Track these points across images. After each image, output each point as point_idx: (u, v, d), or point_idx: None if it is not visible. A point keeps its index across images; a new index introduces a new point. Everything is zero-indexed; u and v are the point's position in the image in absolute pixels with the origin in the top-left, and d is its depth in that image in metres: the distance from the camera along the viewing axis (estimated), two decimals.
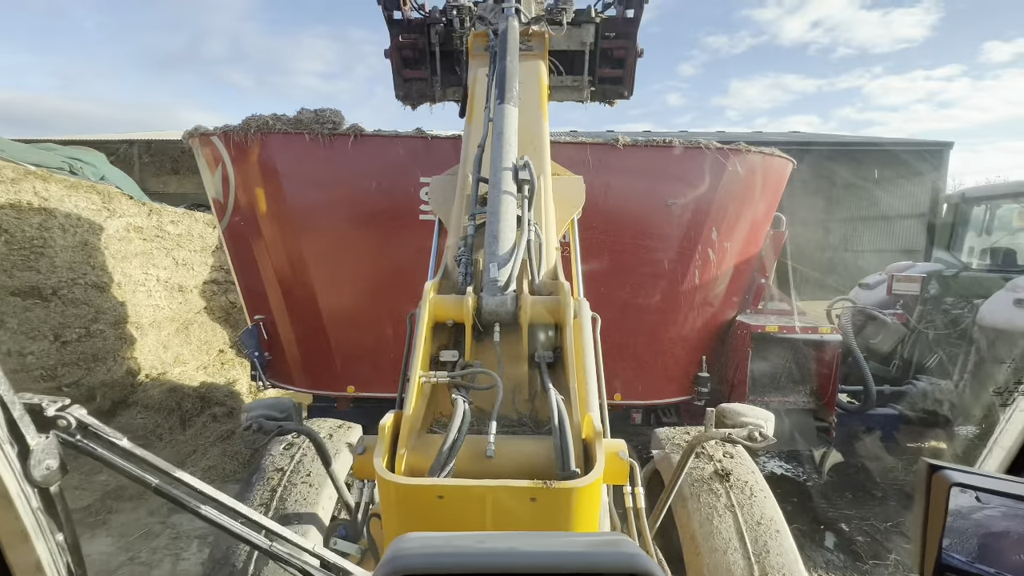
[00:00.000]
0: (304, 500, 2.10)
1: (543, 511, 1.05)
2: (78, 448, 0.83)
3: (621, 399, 4.34)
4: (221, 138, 4.08)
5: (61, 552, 0.73)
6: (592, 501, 1.09)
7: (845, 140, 21.38)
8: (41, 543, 0.69)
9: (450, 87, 3.88)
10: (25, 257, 5.28)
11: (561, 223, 2.44)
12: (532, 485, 1.03)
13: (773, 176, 4.53)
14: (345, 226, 4.07)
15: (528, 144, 2.29)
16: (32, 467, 0.71)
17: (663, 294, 4.25)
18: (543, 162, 2.35)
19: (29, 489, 0.70)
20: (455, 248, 1.96)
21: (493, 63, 2.52)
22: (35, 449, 0.72)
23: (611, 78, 3.79)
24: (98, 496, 4.53)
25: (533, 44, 2.98)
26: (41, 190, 5.56)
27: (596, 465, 1.09)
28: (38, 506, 0.71)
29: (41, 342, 5.26)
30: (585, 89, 3.66)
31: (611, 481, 1.23)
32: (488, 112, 2.27)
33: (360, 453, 1.22)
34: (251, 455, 5.26)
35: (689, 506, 2.14)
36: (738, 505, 2.10)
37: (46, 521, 0.72)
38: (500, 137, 2.02)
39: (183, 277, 7.55)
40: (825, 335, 4.27)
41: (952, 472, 0.75)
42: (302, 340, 4.34)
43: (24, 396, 0.75)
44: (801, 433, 4.37)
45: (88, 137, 15.03)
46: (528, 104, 2.47)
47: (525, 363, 1.57)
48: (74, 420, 0.81)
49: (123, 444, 0.90)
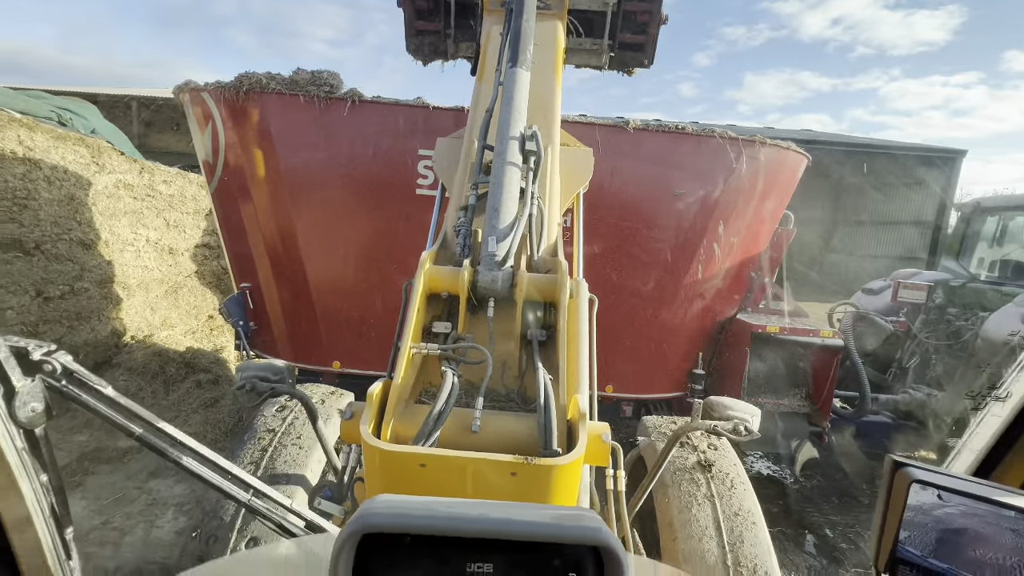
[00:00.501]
0: (293, 461, 2.16)
1: (523, 486, 1.06)
2: (63, 394, 0.83)
3: (613, 391, 4.25)
4: (212, 95, 3.87)
5: (46, 492, 0.75)
6: (571, 480, 1.10)
7: (854, 141, 21.04)
8: (26, 483, 0.71)
9: (463, 42, 3.66)
10: (7, 208, 5.09)
11: (566, 197, 2.36)
12: (513, 460, 1.04)
13: (787, 171, 4.37)
14: (338, 195, 3.90)
15: (538, 111, 2.18)
16: (17, 408, 0.72)
17: (663, 285, 4.11)
18: (552, 131, 2.24)
19: (14, 429, 0.71)
20: (455, 217, 1.91)
21: (508, 21, 2.38)
22: (20, 391, 0.73)
23: (632, 44, 3.58)
24: (75, 457, 4.45)
25: (552, 3, 2.80)
26: (26, 139, 5.34)
27: (578, 445, 1.10)
28: (23, 446, 0.72)
29: (22, 297, 5.12)
30: (604, 54, 3.45)
31: (592, 462, 1.23)
32: (499, 74, 2.16)
33: (348, 418, 1.23)
34: (234, 424, 5.18)
35: (670, 493, 2.18)
36: (717, 495, 2.14)
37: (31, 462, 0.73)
38: (509, 103, 1.92)
39: (174, 239, 7.37)
40: (827, 339, 4.16)
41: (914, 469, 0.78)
42: (288, 311, 4.21)
43: (11, 339, 0.76)
44: (794, 436, 4.30)
45: (84, 89, 14.62)
46: (542, 68, 2.34)
47: (518, 339, 1.55)
48: (60, 365, 0.82)
49: (108, 392, 0.91)
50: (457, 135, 2.58)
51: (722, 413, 2.01)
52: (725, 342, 4.39)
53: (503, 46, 2.30)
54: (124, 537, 3.59)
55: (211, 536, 1.90)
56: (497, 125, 1.93)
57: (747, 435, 1.89)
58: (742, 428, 1.89)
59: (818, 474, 5.39)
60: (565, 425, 1.23)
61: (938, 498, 0.78)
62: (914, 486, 0.77)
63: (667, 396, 4.45)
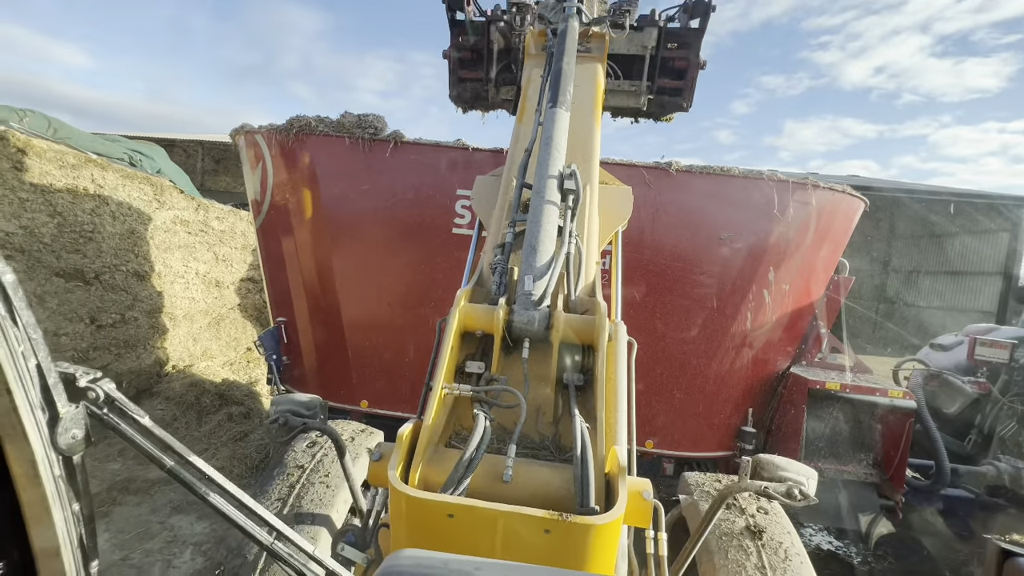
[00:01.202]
0: (320, 500, 2.13)
1: (557, 545, 1.00)
2: (103, 421, 0.84)
3: (653, 447, 3.93)
4: (264, 136, 4.06)
5: (77, 522, 0.74)
6: (610, 541, 1.03)
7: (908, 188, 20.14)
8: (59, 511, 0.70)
9: (504, 86, 3.74)
10: (74, 240, 5.44)
11: (605, 235, 2.30)
12: (548, 516, 0.99)
13: (841, 216, 4.11)
14: (377, 234, 3.93)
15: (577, 150, 2.16)
16: (59, 435, 0.72)
17: (708, 334, 3.85)
18: (591, 170, 2.21)
19: (53, 456, 0.71)
20: (492, 254, 1.88)
21: (549, 64, 2.42)
22: (64, 417, 0.73)
23: (670, 89, 3.56)
24: (105, 487, 4.47)
25: (592, 46, 2.82)
26: (99, 177, 5.77)
27: (618, 503, 1.03)
28: (60, 474, 0.71)
29: (77, 324, 5.36)
30: (643, 95, 3.44)
31: (632, 522, 1.16)
32: (539, 115, 2.18)
33: (376, 460, 1.21)
34: (260, 460, 5.12)
35: (716, 561, 2.01)
36: (770, 567, 1.95)
37: (66, 490, 0.72)
38: (549, 143, 1.91)
39: (221, 272, 7.68)
40: (896, 399, 3.74)
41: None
42: (321, 347, 4.19)
43: (60, 365, 0.76)
44: (861, 509, 3.81)
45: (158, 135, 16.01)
46: (581, 108, 2.35)
47: (553, 383, 1.50)
48: (103, 393, 0.83)
49: (144, 422, 0.91)
50: (496, 173, 2.57)
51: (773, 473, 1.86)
52: (779, 399, 4.02)
53: (543, 88, 2.32)
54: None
55: (233, 575, 1.87)
56: (536, 164, 1.90)
57: (802, 500, 1.73)
58: (796, 491, 1.72)
59: (890, 554, 4.75)
60: (603, 479, 1.17)
61: None
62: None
63: (713, 455, 4.08)
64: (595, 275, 1.91)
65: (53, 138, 5.93)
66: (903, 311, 18.23)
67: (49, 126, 6.24)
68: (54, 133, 6.15)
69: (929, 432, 4.45)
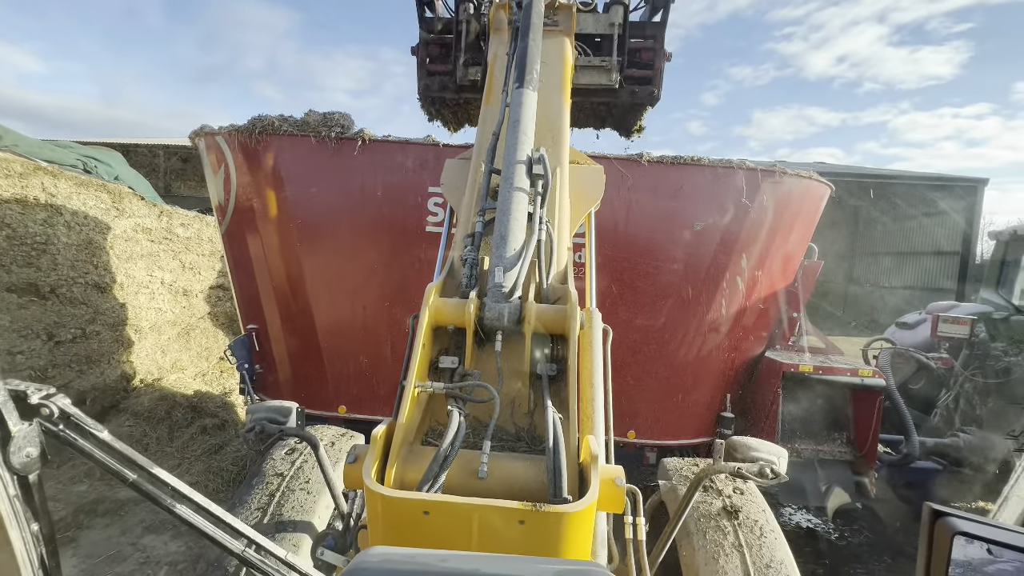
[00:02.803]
0: (301, 507, 2.11)
1: (532, 535, 1.02)
2: (59, 438, 0.82)
3: (635, 437, 3.96)
4: (226, 138, 3.91)
5: (36, 543, 0.72)
6: (584, 528, 1.06)
7: (871, 172, 20.86)
8: (15, 531, 0.69)
9: (473, 66, 3.66)
10: (26, 253, 5.16)
11: (577, 218, 2.25)
12: (521, 507, 1.00)
13: (809, 201, 4.20)
14: (346, 236, 3.83)
15: (546, 131, 2.12)
16: (12, 453, 0.70)
17: (684, 323, 3.89)
18: (561, 151, 2.16)
19: (7, 475, 0.69)
20: (462, 245, 1.83)
21: (515, 39, 2.33)
22: (16, 436, 0.71)
23: (639, 78, 3.56)
24: (71, 510, 4.26)
25: (559, 19, 2.73)
26: (50, 186, 5.47)
27: (590, 490, 1.05)
28: (15, 493, 0.70)
29: (33, 341, 5.09)
30: (614, 71, 3.39)
31: (607, 509, 1.17)
32: (506, 95, 2.09)
33: (351, 462, 1.20)
34: (237, 472, 4.97)
35: (694, 542, 2.06)
36: (746, 545, 2.01)
37: (22, 509, 0.71)
38: (516, 126, 1.85)
39: (189, 281, 7.42)
40: (866, 378, 3.85)
41: (957, 520, 0.71)
42: (294, 354, 4.07)
43: (10, 382, 0.75)
44: (836, 486, 3.92)
45: (117, 140, 15.35)
46: (549, 86, 2.25)
47: (527, 375, 1.49)
48: (57, 409, 0.81)
49: (103, 436, 0.89)
50: (466, 155, 2.49)
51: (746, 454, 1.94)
52: (755, 383, 4.10)
53: (510, 65, 2.23)
54: None
55: None
56: (504, 148, 1.85)
57: (774, 478, 1.80)
58: (768, 470, 1.80)
59: (865, 528, 4.92)
60: (576, 469, 1.19)
61: (988, 552, 0.70)
62: (959, 539, 0.70)
63: (694, 442, 4.13)
64: (567, 261, 1.88)
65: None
66: (867, 293, 18.88)
67: None
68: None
69: (898, 408, 4.62)
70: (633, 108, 4.08)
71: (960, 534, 0.70)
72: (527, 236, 1.65)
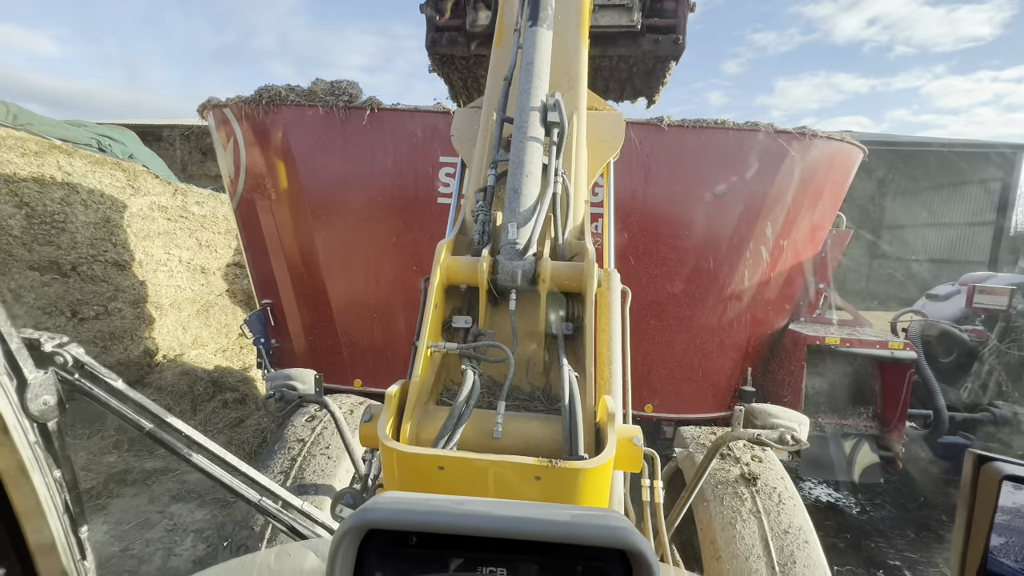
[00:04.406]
0: (322, 471, 2.17)
1: (547, 492, 1.01)
2: (75, 387, 0.83)
3: (652, 411, 3.90)
4: (233, 110, 3.83)
5: (60, 488, 0.73)
6: (600, 485, 1.05)
7: (900, 140, 19.91)
8: (39, 477, 0.69)
9: (484, 10, 3.49)
10: (46, 232, 5.23)
11: (595, 168, 2.13)
12: (537, 463, 1.00)
13: (840, 166, 3.97)
14: (358, 207, 3.76)
15: (562, 75, 1.96)
16: (29, 401, 0.72)
17: (705, 293, 3.77)
18: (578, 96, 2.00)
19: (27, 422, 0.70)
20: (474, 199, 1.74)
21: None
22: (32, 383, 0.73)
23: (662, 27, 3.35)
24: (102, 479, 4.41)
25: None
26: (65, 164, 5.50)
27: (607, 447, 1.04)
28: (36, 440, 0.71)
29: (58, 318, 5.21)
30: (636, 11, 3.17)
31: (623, 467, 1.15)
32: (518, 36, 1.93)
33: (366, 420, 1.20)
34: (258, 444, 5.08)
35: (711, 508, 2.05)
36: (764, 511, 1.99)
37: (44, 456, 0.72)
38: (529, 68, 1.71)
39: (206, 259, 7.48)
40: (896, 351, 3.70)
41: (1004, 464, 0.69)
42: (309, 328, 4.07)
43: (23, 331, 0.75)
44: (861, 462, 3.82)
45: (133, 121, 15.41)
46: (565, 24, 2.08)
47: (542, 334, 1.44)
48: (71, 358, 0.81)
49: (118, 385, 0.89)
50: (476, 104, 2.35)
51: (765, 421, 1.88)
52: (778, 356, 3.98)
53: (522, 3, 2.05)
54: (141, 566, 3.46)
55: (241, 546, 1.90)
56: (517, 94, 1.72)
57: (794, 444, 1.74)
58: (788, 437, 1.74)
59: (888, 503, 4.83)
60: (593, 428, 1.18)
61: None
62: (1006, 484, 0.68)
63: (713, 416, 4.05)
64: (584, 215, 1.77)
65: (12, 125, 5.63)
66: (895, 265, 18.28)
67: (8, 112, 5.92)
68: (13, 120, 5.84)
69: (927, 382, 4.45)
70: (657, 64, 3.87)
71: (1008, 478, 0.68)
72: (542, 189, 1.55)
